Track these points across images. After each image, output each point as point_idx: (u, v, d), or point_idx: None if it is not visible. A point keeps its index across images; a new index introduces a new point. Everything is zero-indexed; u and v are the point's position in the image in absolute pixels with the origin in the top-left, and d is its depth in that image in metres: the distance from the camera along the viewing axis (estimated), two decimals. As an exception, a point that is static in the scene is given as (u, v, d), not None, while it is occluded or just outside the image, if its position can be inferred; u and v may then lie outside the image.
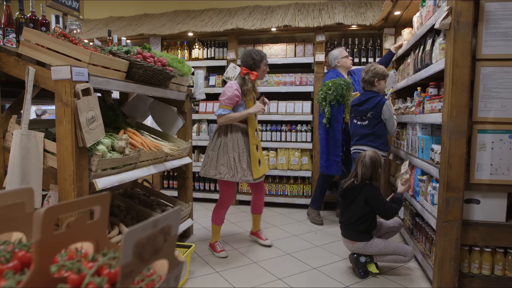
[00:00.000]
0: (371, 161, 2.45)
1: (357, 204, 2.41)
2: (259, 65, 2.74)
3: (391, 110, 2.90)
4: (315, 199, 3.69)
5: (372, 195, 2.39)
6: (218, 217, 2.81)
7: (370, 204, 2.39)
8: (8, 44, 1.98)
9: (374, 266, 2.40)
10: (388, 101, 2.91)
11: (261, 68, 2.76)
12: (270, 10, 4.59)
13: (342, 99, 3.41)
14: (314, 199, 3.70)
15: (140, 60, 2.21)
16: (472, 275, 2.14)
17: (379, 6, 4.18)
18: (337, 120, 3.46)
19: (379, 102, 2.91)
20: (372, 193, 2.39)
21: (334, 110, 3.45)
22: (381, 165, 2.49)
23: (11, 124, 1.90)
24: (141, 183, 3.29)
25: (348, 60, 3.64)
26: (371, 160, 2.45)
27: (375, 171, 2.45)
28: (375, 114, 2.94)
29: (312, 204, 3.70)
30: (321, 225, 3.56)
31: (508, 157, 2.05)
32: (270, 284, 2.31)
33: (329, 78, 3.53)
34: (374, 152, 2.52)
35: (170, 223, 0.67)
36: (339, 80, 3.42)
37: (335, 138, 3.47)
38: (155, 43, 4.52)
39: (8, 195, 0.76)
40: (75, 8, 2.64)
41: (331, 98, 3.39)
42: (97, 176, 1.88)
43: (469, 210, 2.13)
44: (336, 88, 3.38)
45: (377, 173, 2.46)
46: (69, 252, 0.72)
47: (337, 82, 3.41)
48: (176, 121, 3.01)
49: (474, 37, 2.04)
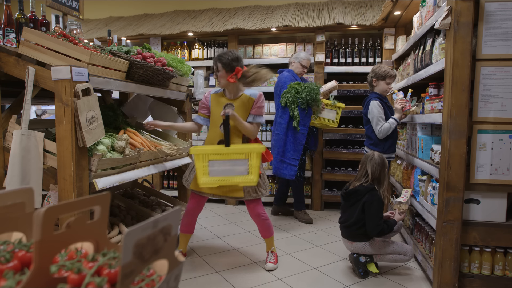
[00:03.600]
0: (380, 159, 2.43)
1: (358, 207, 2.40)
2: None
3: (374, 110, 2.81)
4: (299, 201, 3.71)
5: (371, 203, 2.33)
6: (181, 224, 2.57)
7: (365, 210, 2.36)
8: (8, 44, 1.98)
9: (374, 266, 2.40)
10: (376, 101, 2.84)
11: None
12: (270, 10, 4.59)
13: (315, 104, 3.38)
14: (297, 201, 3.71)
15: (140, 60, 2.21)
16: (472, 275, 2.14)
17: (379, 6, 4.18)
18: (303, 124, 3.40)
19: (368, 101, 2.90)
20: (372, 201, 2.33)
21: (303, 114, 3.40)
22: (386, 166, 2.47)
23: (11, 124, 1.90)
24: (141, 183, 3.29)
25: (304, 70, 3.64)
26: (380, 158, 2.43)
27: (383, 170, 2.42)
28: (365, 113, 2.93)
29: (297, 207, 3.71)
30: (311, 223, 3.59)
31: (508, 157, 2.05)
32: (270, 284, 2.31)
33: (288, 79, 3.48)
34: (379, 153, 2.51)
35: (170, 223, 0.67)
36: (312, 85, 3.38)
37: (296, 141, 3.41)
38: (155, 43, 4.52)
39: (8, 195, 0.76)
40: (75, 8, 2.64)
41: (302, 101, 3.33)
42: (97, 176, 1.88)
43: (469, 210, 2.13)
44: (309, 92, 3.33)
45: (384, 173, 2.43)
46: (69, 252, 0.72)
47: (309, 86, 3.37)
48: (176, 121, 3.01)
49: (474, 37, 2.04)
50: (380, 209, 2.35)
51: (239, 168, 2.10)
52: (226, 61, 2.33)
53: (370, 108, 2.84)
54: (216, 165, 2.13)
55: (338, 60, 4.13)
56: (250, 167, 2.12)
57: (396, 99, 2.87)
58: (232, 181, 2.17)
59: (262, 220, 2.48)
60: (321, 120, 3.55)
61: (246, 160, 2.08)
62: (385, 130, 2.78)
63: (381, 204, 2.36)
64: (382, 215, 2.37)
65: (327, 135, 4.08)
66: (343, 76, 4.21)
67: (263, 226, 2.51)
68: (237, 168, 2.11)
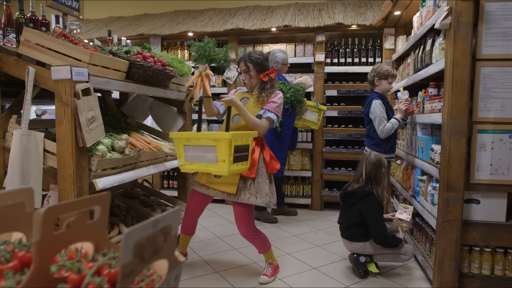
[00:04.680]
0: (376, 159, 2.42)
1: (356, 209, 2.39)
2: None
3: (377, 110, 2.80)
4: None
5: (368, 211, 2.32)
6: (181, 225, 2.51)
7: (366, 220, 2.34)
8: (8, 44, 1.98)
9: (374, 266, 2.40)
10: (378, 101, 2.83)
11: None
12: (270, 10, 4.59)
13: (299, 105, 3.39)
14: None
15: (140, 60, 2.21)
16: (472, 275, 2.14)
17: (379, 6, 4.18)
18: (287, 124, 3.42)
19: (370, 101, 2.88)
20: (369, 209, 2.32)
21: (286, 114, 3.40)
22: (385, 165, 2.45)
23: (11, 124, 1.90)
24: (141, 183, 3.29)
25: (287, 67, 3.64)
26: (376, 158, 2.42)
27: (379, 170, 2.41)
28: (366, 113, 2.93)
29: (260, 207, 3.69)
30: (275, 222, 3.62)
31: (508, 157, 2.05)
32: (270, 284, 2.31)
33: None
34: (378, 153, 2.51)
35: (170, 223, 0.67)
36: (297, 86, 3.40)
37: (282, 141, 3.44)
38: (155, 43, 4.52)
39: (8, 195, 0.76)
40: (75, 8, 2.64)
41: (286, 101, 3.32)
42: (97, 176, 1.88)
43: (469, 210, 2.13)
44: (294, 93, 3.35)
45: (381, 173, 2.42)
46: (69, 252, 0.72)
47: (295, 87, 3.38)
48: (176, 121, 3.01)
49: (474, 37, 2.04)
50: (380, 213, 2.34)
51: (209, 155, 1.99)
52: (258, 61, 2.28)
53: (372, 107, 2.82)
54: (190, 151, 2.07)
55: (338, 60, 4.14)
56: (220, 156, 1.96)
57: (401, 98, 2.86)
58: (206, 169, 2.05)
59: (251, 239, 2.32)
60: (304, 122, 3.61)
61: (214, 147, 1.94)
62: (388, 130, 2.77)
63: (380, 208, 2.35)
64: (383, 219, 2.36)
65: (327, 135, 4.08)
66: (343, 76, 4.21)
67: (255, 244, 2.35)
68: (208, 155, 2.00)
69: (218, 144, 1.93)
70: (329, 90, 4.09)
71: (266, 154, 2.28)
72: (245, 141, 2.04)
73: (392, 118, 2.81)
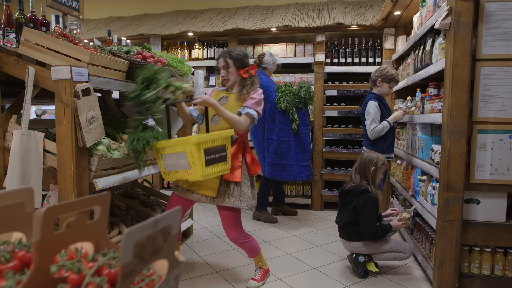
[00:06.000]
0: (370, 157, 2.45)
1: (351, 208, 2.40)
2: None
3: (371, 110, 2.82)
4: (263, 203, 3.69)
5: (362, 207, 2.33)
6: None
7: (358, 215, 2.36)
8: (8, 44, 1.98)
9: (374, 265, 2.40)
10: (374, 102, 2.84)
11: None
12: (270, 10, 4.59)
13: (310, 101, 3.38)
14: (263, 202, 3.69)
15: (140, 60, 2.21)
16: (472, 275, 2.14)
17: (379, 6, 4.18)
18: (304, 124, 3.40)
19: (366, 101, 2.91)
20: (363, 205, 2.33)
21: (301, 114, 3.38)
22: (375, 164, 2.43)
23: (11, 124, 1.90)
24: (141, 183, 3.29)
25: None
26: (370, 156, 2.46)
27: (369, 167, 2.42)
28: (362, 113, 2.95)
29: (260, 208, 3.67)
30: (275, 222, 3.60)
31: (508, 157, 2.05)
32: (270, 284, 2.31)
33: (270, 83, 3.48)
34: (375, 152, 2.52)
35: (170, 223, 0.67)
36: (306, 84, 3.40)
37: (303, 142, 3.41)
38: (155, 43, 4.52)
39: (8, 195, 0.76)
40: (75, 8, 2.64)
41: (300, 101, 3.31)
42: (97, 176, 1.88)
43: (469, 210, 2.13)
44: (307, 90, 3.32)
45: (368, 172, 2.43)
46: (69, 252, 0.72)
47: (305, 85, 3.37)
48: (176, 121, 3.00)
49: (474, 37, 2.04)
50: (373, 210, 2.35)
51: (183, 161, 1.92)
52: (238, 57, 2.20)
53: (368, 108, 2.85)
54: (167, 159, 2.01)
55: (338, 60, 4.14)
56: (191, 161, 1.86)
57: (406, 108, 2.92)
58: (184, 176, 1.97)
59: (240, 244, 2.23)
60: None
61: (184, 153, 1.87)
62: (378, 132, 2.81)
63: (374, 205, 2.36)
64: (375, 217, 2.37)
65: (327, 135, 4.08)
66: (343, 76, 4.21)
67: (244, 248, 2.27)
68: (181, 162, 1.93)
69: (187, 149, 1.86)
70: (329, 90, 4.09)
71: (248, 156, 2.21)
72: (218, 142, 1.93)
73: (384, 121, 2.83)
